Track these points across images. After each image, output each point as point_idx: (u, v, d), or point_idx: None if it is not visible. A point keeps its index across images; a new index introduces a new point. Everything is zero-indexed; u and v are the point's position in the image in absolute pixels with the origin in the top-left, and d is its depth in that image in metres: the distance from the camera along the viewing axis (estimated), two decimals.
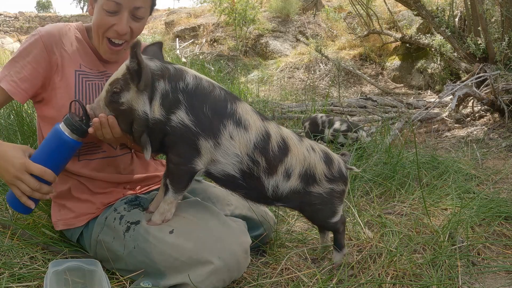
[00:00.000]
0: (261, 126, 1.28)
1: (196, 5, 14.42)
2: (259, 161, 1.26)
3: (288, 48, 10.73)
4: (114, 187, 1.51)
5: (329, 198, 1.39)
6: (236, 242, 1.29)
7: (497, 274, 1.50)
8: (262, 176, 1.28)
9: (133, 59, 1.16)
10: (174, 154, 1.25)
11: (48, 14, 17.30)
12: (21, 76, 1.35)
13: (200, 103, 1.21)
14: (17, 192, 1.24)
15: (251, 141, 1.24)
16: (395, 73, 8.73)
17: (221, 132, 1.22)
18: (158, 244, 1.26)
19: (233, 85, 6.00)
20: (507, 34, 5.17)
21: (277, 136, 1.30)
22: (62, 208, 1.48)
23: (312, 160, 1.35)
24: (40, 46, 1.37)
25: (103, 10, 1.35)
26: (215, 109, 1.22)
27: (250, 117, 1.27)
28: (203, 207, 1.41)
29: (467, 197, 2.23)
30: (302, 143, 1.36)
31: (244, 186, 1.30)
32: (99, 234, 1.38)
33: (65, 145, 1.25)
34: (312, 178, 1.35)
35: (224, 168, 1.26)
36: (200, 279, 1.22)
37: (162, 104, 1.20)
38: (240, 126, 1.24)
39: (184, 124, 1.19)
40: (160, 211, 1.31)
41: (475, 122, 4.73)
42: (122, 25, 1.36)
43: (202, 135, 1.20)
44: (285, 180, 1.31)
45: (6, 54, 10.10)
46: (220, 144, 1.22)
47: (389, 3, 9.36)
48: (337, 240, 1.48)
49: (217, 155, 1.24)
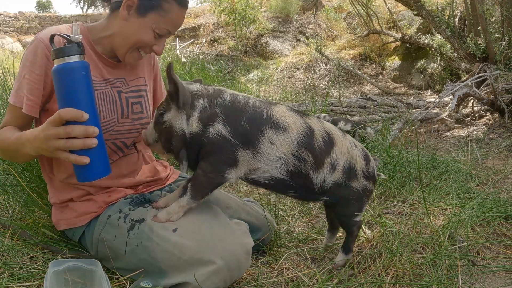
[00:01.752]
0: (301, 124, 1.30)
1: (196, 5, 14.45)
2: (305, 158, 1.28)
3: (288, 48, 10.73)
4: (116, 186, 1.51)
5: (362, 195, 1.42)
6: (238, 243, 1.30)
7: (497, 274, 1.50)
8: (310, 172, 1.30)
9: (169, 80, 1.22)
10: (206, 162, 1.27)
11: (48, 14, 17.28)
12: (36, 93, 1.33)
13: (237, 115, 1.24)
14: (61, 154, 1.12)
15: (294, 141, 1.27)
16: (395, 73, 8.73)
17: (260, 141, 1.24)
18: (161, 242, 1.26)
19: (233, 85, 5.99)
20: (507, 34, 5.17)
21: (321, 130, 1.33)
22: (64, 208, 1.48)
23: (354, 155, 1.38)
24: (46, 55, 1.32)
25: (153, 31, 1.37)
26: (252, 119, 1.25)
27: (288, 118, 1.29)
28: (207, 207, 1.42)
29: (467, 197, 2.23)
30: (346, 137, 1.40)
31: (293, 186, 1.32)
32: (101, 232, 1.38)
33: (70, 72, 1.09)
34: (354, 172, 1.38)
35: (270, 174, 1.28)
36: (201, 279, 1.22)
37: (200, 118, 1.24)
38: (279, 129, 1.26)
39: (222, 135, 1.22)
40: (169, 211, 1.32)
41: (475, 122, 4.73)
42: (161, 48, 1.43)
43: (240, 146, 1.23)
44: (330, 173, 1.33)
45: (6, 54, 10.10)
46: (260, 153, 1.25)
47: (389, 3, 9.36)
48: (347, 243, 1.51)
49: (257, 163, 1.26)
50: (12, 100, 1.35)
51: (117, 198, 1.46)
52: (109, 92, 1.44)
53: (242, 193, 2.47)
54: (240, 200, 1.67)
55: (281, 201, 2.24)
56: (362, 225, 1.82)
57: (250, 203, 1.72)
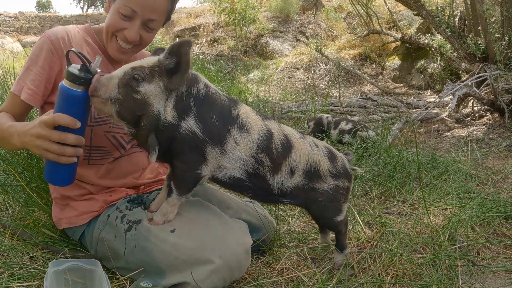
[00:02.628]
0: (262, 126, 1.29)
1: (196, 5, 14.46)
2: (263, 161, 1.27)
3: (288, 48, 10.73)
4: (118, 186, 1.51)
5: (334, 195, 1.39)
6: (237, 242, 1.30)
7: (497, 274, 1.50)
8: (267, 174, 1.29)
9: (171, 56, 1.15)
10: (180, 161, 1.24)
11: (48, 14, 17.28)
12: (36, 84, 1.37)
13: (208, 111, 1.22)
14: (50, 155, 1.16)
15: (254, 143, 1.26)
16: (395, 73, 8.73)
17: (227, 140, 1.23)
18: (159, 243, 1.26)
19: (233, 85, 5.99)
20: (507, 34, 5.17)
21: (280, 134, 1.31)
22: (65, 206, 1.48)
23: (316, 156, 1.36)
24: (51, 49, 1.38)
25: (119, 12, 1.36)
26: (221, 116, 1.23)
27: (251, 118, 1.28)
28: (205, 207, 1.42)
29: (467, 197, 2.23)
30: (305, 139, 1.37)
31: (250, 186, 1.31)
32: (101, 232, 1.39)
33: (73, 99, 1.16)
34: (317, 174, 1.36)
35: (231, 173, 1.27)
36: (201, 278, 1.22)
37: (175, 106, 1.18)
38: (243, 129, 1.25)
39: (193, 131, 1.19)
40: (163, 212, 1.31)
41: (475, 122, 4.73)
42: (132, 32, 1.38)
43: (209, 142, 1.21)
44: (289, 177, 1.32)
45: (6, 54, 10.10)
46: (226, 151, 1.24)
47: (389, 3, 9.36)
48: (339, 241, 1.50)
49: (223, 161, 1.25)
50: (13, 88, 1.40)
51: (118, 198, 1.47)
52: None
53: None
54: (241, 201, 1.67)
55: None
56: (363, 225, 1.82)
57: (250, 204, 1.72)
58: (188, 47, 1.14)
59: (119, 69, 1.19)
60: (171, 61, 1.16)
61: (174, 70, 1.16)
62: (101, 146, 1.45)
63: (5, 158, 1.93)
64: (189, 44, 1.14)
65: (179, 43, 1.13)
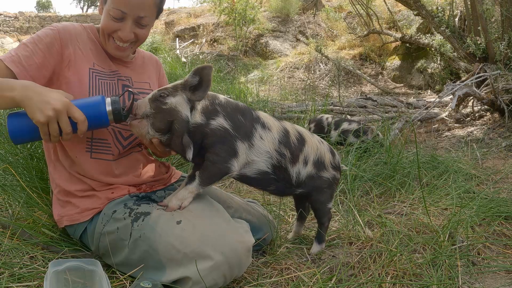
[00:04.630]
0: (279, 125, 1.50)
1: (196, 5, 14.45)
2: (285, 153, 1.47)
3: (288, 48, 10.74)
4: (120, 183, 1.51)
5: (332, 183, 1.63)
6: (239, 240, 1.31)
7: (497, 274, 1.50)
8: (288, 166, 1.48)
9: (195, 75, 1.34)
10: (213, 153, 1.36)
11: (48, 14, 17.29)
12: (30, 63, 1.34)
13: (234, 112, 1.41)
14: (44, 129, 1.19)
15: (276, 139, 1.45)
16: (395, 73, 8.74)
17: (254, 135, 1.41)
18: (164, 234, 1.28)
19: (233, 85, 6.00)
20: (507, 34, 5.16)
21: (294, 131, 1.54)
22: (67, 204, 1.48)
23: (322, 150, 1.60)
24: (56, 38, 1.40)
25: (110, 15, 1.40)
26: (245, 116, 1.42)
27: (269, 119, 1.48)
28: (210, 204, 1.44)
29: (467, 197, 2.23)
30: (314, 136, 1.63)
31: (275, 179, 1.47)
32: (104, 226, 1.39)
33: (100, 117, 1.27)
34: (323, 164, 1.59)
35: (258, 167, 1.43)
36: (201, 274, 1.22)
37: (202, 111, 1.36)
38: (265, 127, 1.45)
39: (224, 127, 1.36)
40: (179, 197, 1.38)
41: (475, 122, 4.73)
42: (125, 32, 1.43)
43: (239, 137, 1.37)
44: (304, 166, 1.53)
45: None
46: (254, 145, 1.41)
47: (389, 3, 9.37)
48: (320, 234, 1.67)
49: (252, 155, 1.41)
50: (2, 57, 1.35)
51: (120, 195, 1.47)
52: (114, 84, 1.50)
53: (242, 193, 2.48)
54: (242, 200, 1.68)
55: (281, 201, 2.24)
56: (363, 225, 1.83)
57: (251, 203, 1.73)
58: (209, 69, 1.33)
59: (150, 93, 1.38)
60: (194, 79, 1.35)
61: (197, 86, 1.35)
62: (103, 138, 1.46)
63: (5, 158, 1.94)
64: (210, 68, 1.33)
65: (202, 66, 1.33)
